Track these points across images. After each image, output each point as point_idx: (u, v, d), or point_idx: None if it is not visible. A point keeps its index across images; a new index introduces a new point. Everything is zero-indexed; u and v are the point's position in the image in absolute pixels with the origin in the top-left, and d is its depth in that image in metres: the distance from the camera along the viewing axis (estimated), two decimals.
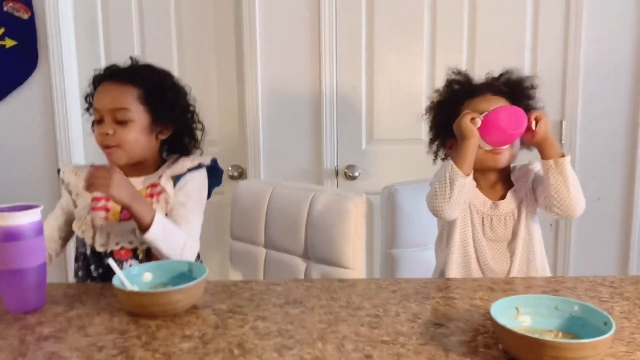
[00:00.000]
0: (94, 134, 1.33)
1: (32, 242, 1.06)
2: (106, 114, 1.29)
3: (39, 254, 1.07)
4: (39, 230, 1.07)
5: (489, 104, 1.30)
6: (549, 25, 2.06)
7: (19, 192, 2.23)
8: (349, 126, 2.16)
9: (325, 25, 2.07)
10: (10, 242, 1.04)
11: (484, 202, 1.35)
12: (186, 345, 0.90)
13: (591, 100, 2.08)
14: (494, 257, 1.34)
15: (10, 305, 1.06)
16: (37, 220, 1.07)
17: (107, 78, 1.33)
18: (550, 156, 1.24)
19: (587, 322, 0.88)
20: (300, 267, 1.54)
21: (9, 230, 1.03)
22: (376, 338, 0.91)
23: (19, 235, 1.04)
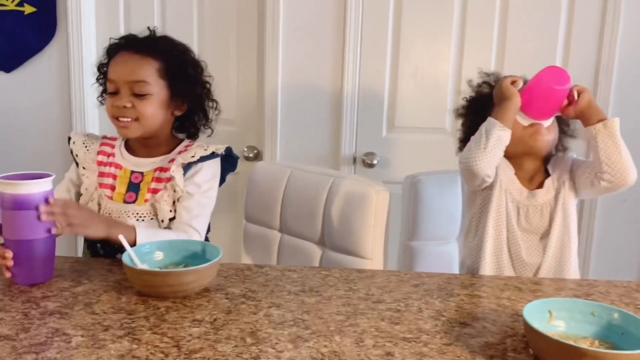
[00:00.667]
0: (106, 105, 1.27)
1: (31, 214, 1.00)
2: (123, 86, 1.22)
3: (49, 225, 1.03)
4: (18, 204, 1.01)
5: None
6: (583, 22, 1.97)
7: (32, 161, 2.20)
8: (369, 112, 2.09)
9: (352, 6, 2.00)
10: (20, 211, 1.00)
11: (520, 190, 1.29)
12: (196, 330, 0.85)
13: (623, 101, 1.99)
14: (528, 249, 1.28)
15: (17, 277, 1.02)
16: (48, 190, 1.03)
17: (124, 48, 1.25)
18: (597, 120, 1.19)
19: (626, 331, 0.82)
20: (315, 253, 1.48)
21: (19, 199, 0.99)
22: (397, 334, 0.86)
23: (29, 204, 1.00)
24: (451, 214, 1.50)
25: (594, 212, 2.07)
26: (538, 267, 1.26)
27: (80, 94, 2.13)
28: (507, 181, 1.28)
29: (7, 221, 1.02)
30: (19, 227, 1.00)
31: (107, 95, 1.27)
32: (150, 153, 1.30)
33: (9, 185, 1.00)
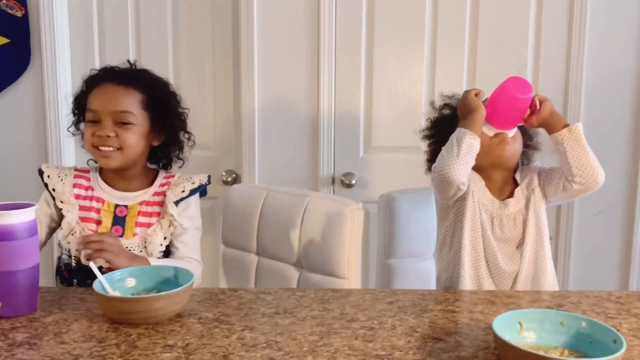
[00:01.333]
0: (86, 135, 1.28)
1: (26, 242, 1.00)
2: (106, 116, 1.24)
3: (33, 256, 1.02)
4: (33, 231, 1.02)
5: None
6: (551, 32, 2.02)
7: (8, 192, 2.17)
8: (346, 133, 2.11)
9: (325, 30, 2.03)
10: (3, 242, 0.98)
11: (492, 201, 1.31)
12: (167, 356, 0.84)
13: (593, 111, 2.04)
14: (505, 258, 1.29)
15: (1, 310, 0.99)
16: (31, 220, 1.02)
17: (107, 79, 1.28)
18: (560, 127, 1.22)
19: (595, 339, 0.83)
20: (293, 275, 1.48)
21: (2, 229, 0.98)
22: (370, 352, 0.86)
23: (12, 234, 0.98)
24: (426, 231, 1.51)
25: (570, 224, 2.10)
26: (516, 274, 1.27)
27: (55, 125, 2.12)
28: (478, 193, 1.30)
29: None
30: (2, 258, 0.98)
31: (86, 125, 1.28)
32: (128, 185, 1.32)
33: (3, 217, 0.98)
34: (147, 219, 1.29)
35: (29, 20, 2.08)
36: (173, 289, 0.96)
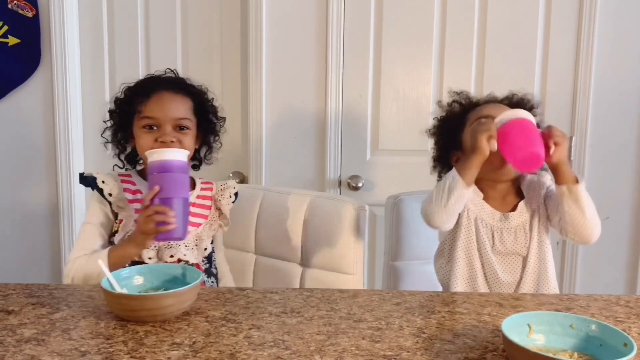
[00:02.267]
0: (143, 141, 1.31)
1: (180, 176, 1.17)
2: (167, 123, 1.30)
3: (185, 189, 1.18)
4: (185, 169, 1.19)
5: (492, 109, 1.28)
6: (560, 39, 2.02)
7: (17, 192, 2.19)
8: (353, 136, 2.11)
9: (332, 32, 2.04)
10: (162, 174, 1.15)
11: (492, 214, 1.29)
12: (174, 354, 0.84)
13: (601, 117, 2.03)
14: (504, 270, 1.28)
15: (174, 232, 1.15)
16: (185, 160, 1.19)
17: (163, 87, 1.34)
18: (564, 182, 1.19)
19: (604, 342, 0.82)
20: (294, 272, 1.49)
21: (162, 163, 1.15)
22: (378, 352, 0.85)
23: (171, 167, 1.15)
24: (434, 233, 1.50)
25: None
26: (517, 284, 1.26)
27: (64, 125, 2.14)
28: (475, 209, 1.29)
29: (165, 183, 1.15)
30: (162, 187, 1.14)
31: (141, 132, 1.32)
32: None
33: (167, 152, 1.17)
34: (195, 219, 1.37)
35: (40, 20, 2.10)
36: (180, 287, 0.96)
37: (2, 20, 2.10)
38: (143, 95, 1.32)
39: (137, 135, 1.33)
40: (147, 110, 1.30)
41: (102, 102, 2.20)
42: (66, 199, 2.17)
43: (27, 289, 1.12)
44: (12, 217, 2.20)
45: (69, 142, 2.15)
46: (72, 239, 2.19)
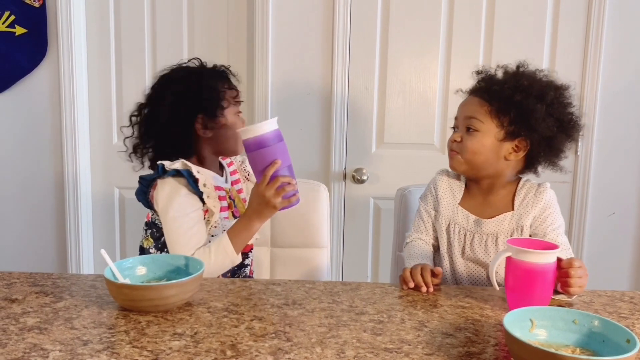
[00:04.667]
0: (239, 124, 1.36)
1: (271, 149, 1.16)
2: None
3: (285, 156, 1.18)
4: (276, 140, 1.17)
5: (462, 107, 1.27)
6: (568, 33, 2.00)
7: (23, 181, 2.20)
8: (359, 128, 2.11)
9: (339, 24, 2.03)
10: (274, 145, 1.16)
11: (466, 218, 1.26)
12: (176, 344, 0.84)
13: (608, 113, 2.01)
14: (470, 281, 1.25)
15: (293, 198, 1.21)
16: (271, 130, 1.17)
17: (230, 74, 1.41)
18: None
19: (607, 338, 0.81)
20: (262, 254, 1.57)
21: (253, 141, 1.15)
22: (379, 345, 0.85)
23: (280, 137, 1.18)
24: None
25: (583, 225, 2.08)
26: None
27: (71, 114, 2.14)
28: (449, 215, 1.28)
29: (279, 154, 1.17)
30: (285, 156, 1.18)
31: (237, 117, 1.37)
32: (217, 171, 1.39)
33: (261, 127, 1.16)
34: (242, 195, 1.42)
35: (47, 10, 2.10)
36: (183, 278, 0.97)
37: (9, 10, 2.10)
38: (230, 82, 1.38)
39: (233, 120, 1.35)
40: (238, 96, 1.38)
41: (108, 91, 2.21)
42: (72, 188, 2.18)
43: (31, 278, 1.13)
44: (18, 207, 2.22)
45: (75, 131, 2.15)
46: (77, 228, 2.20)
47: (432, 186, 1.34)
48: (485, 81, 1.26)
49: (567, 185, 2.06)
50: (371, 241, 2.16)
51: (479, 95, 1.24)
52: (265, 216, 1.23)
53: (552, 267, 0.98)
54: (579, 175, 2.05)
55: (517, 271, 0.98)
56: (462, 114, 1.26)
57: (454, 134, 1.26)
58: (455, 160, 1.26)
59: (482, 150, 1.22)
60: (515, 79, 1.22)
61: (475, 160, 1.23)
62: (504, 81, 1.23)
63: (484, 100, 1.23)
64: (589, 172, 2.04)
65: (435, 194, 1.32)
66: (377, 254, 2.15)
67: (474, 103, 1.24)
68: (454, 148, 1.26)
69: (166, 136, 1.31)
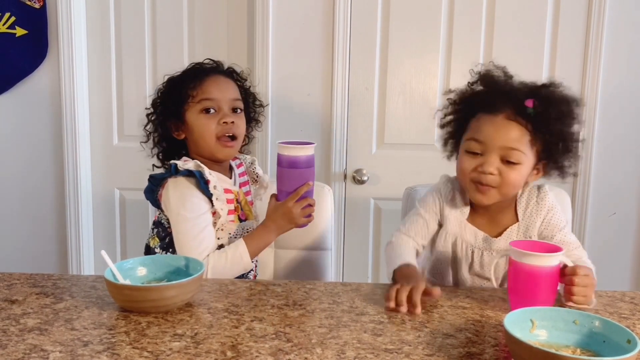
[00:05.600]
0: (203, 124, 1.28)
1: (306, 171, 1.23)
2: (225, 103, 1.30)
3: (313, 181, 1.24)
4: (311, 163, 1.23)
5: (494, 132, 1.10)
6: (568, 34, 2.00)
7: (24, 182, 2.20)
8: (359, 129, 2.11)
9: (339, 25, 2.03)
10: (308, 169, 1.22)
11: (475, 234, 1.20)
12: (176, 345, 0.84)
13: (608, 113, 2.01)
14: None
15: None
16: (311, 154, 1.23)
17: (215, 72, 1.34)
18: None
19: (608, 338, 0.81)
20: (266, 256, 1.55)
21: (309, 158, 1.22)
22: (379, 346, 0.85)
23: (313, 162, 1.23)
24: None
25: (584, 225, 2.07)
26: None
27: (71, 115, 2.14)
28: (456, 231, 1.22)
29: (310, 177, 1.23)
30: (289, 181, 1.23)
31: (198, 116, 1.28)
32: (226, 173, 1.37)
33: (303, 149, 1.21)
34: (249, 198, 1.41)
35: (47, 11, 2.10)
36: (183, 279, 0.97)
37: (10, 11, 2.10)
38: (196, 79, 1.29)
39: (195, 121, 1.28)
40: (204, 92, 1.28)
41: (108, 92, 2.21)
42: (72, 189, 2.18)
43: (31, 279, 1.13)
44: (19, 208, 2.22)
45: (75, 133, 2.15)
46: (78, 229, 2.20)
47: (437, 197, 1.26)
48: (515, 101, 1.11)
49: (567, 185, 2.05)
50: (371, 242, 2.16)
51: (515, 120, 1.10)
52: (284, 230, 1.28)
53: (554, 270, 0.97)
54: (579, 176, 2.05)
55: (518, 273, 0.98)
56: (496, 142, 1.10)
57: (486, 166, 1.10)
58: (488, 195, 1.12)
59: (522, 181, 1.14)
60: (553, 102, 1.11)
61: (512, 193, 1.14)
62: (544, 106, 1.10)
63: (524, 128, 1.10)
64: (589, 173, 2.04)
65: (441, 207, 1.25)
66: (378, 254, 2.15)
67: (514, 130, 1.10)
68: (490, 182, 1.11)
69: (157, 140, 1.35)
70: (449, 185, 1.26)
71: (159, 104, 1.33)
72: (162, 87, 1.35)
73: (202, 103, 1.27)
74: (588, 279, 0.99)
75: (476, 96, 1.19)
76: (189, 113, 1.28)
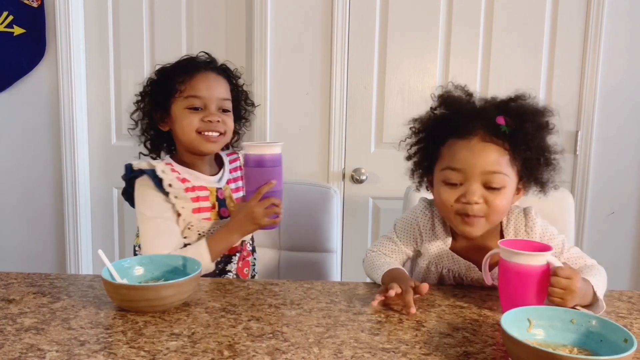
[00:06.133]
0: (187, 121, 1.26)
1: (281, 169, 1.21)
2: (213, 102, 1.28)
3: (280, 181, 1.21)
4: (277, 162, 1.20)
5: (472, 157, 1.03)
6: (567, 33, 2.00)
7: (22, 181, 2.20)
8: (358, 128, 2.10)
9: (338, 24, 2.03)
10: (274, 168, 1.19)
11: (459, 263, 1.14)
12: (173, 344, 0.84)
13: (607, 112, 2.01)
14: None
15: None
16: (277, 153, 1.20)
17: (206, 68, 1.31)
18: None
19: (605, 338, 0.81)
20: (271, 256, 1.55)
21: (273, 157, 1.19)
22: (377, 345, 0.85)
23: (279, 161, 1.20)
24: None
25: (583, 224, 2.07)
26: None
27: (69, 114, 2.14)
28: (437, 260, 1.16)
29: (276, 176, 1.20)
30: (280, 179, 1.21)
31: (183, 112, 1.27)
32: (210, 169, 1.36)
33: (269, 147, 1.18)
34: (237, 195, 1.37)
35: (45, 10, 2.10)
36: (180, 278, 0.96)
37: (8, 10, 2.10)
38: (186, 74, 1.27)
39: (180, 116, 1.26)
40: (193, 89, 1.26)
41: (106, 91, 2.20)
42: (71, 188, 2.17)
43: (29, 278, 1.12)
44: (17, 207, 2.22)
45: (74, 132, 2.15)
46: (76, 228, 2.20)
47: (415, 228, 1.18)
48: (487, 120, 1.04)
49: (565, 184, 2.06)
50: (370, 241, 2.16)
51: (491, 141, 1.03)
52: (247, 231, 1.24)
53: (542, 269, 0.95)
54: (577, 174, 2.05)
55: (507, 273, 0.97)
56: (476, 167, 1.03)
57: (469, 195, 1.02)
58: (477, 226, 1.05)
59: (509, 205, 1.07)
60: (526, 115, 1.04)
61: (500, 219, 1.08)
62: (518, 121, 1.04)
63: (502, 148, 1.03)
64: (588, 172, 2.04)
65: (420, 239, 1.18)
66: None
67: (492, 152, 1.03)
68: (477, 212, 1.04)
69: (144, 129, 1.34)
70: (427, 214, 1.17)
71: (148, 93, 1.33)
72: (153, 76, 1.34)
73: (189, 100, 1.26)
74: (567, 282, 0.92)
75: (443, 121, 1.09)
76: (175, 106, 1.28)
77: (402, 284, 1.00)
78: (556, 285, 0.93)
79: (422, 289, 1.00)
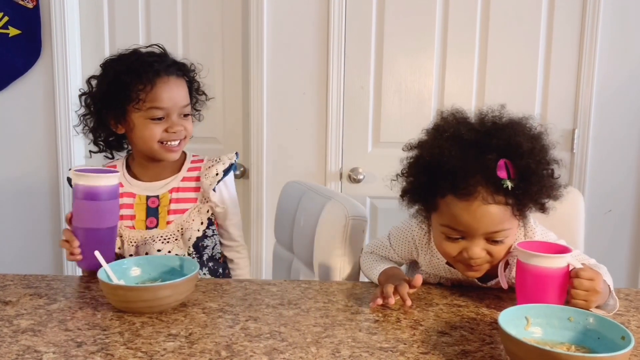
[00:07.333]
0: (150, 132, 1.21)
1: (109, 204, 1.09)
2: (175, 112, 1.24)
3: (113, 217, 1.11)
4: (115, 194, 1.10)
5: (473, 222, 0.97)
6: (563, 31, 2.00)
7: (18, 183, 2.19)
8: (355, 128, 2.10)
9: (334, 23, 2.03)
10: (90, 201, 1.07)
11: (454, 274, 1.11)
12: (170, 345, 0.84)
13: (604, 110, 2.02)
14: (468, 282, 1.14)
15: (82, 262, 1.11)
16: (114, 184, 1.10)
17: (165, 72, 1.24)
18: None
19: (602, 335, 0.81)
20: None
21: (91, 190, 1.07)
22: (374, 345, 0.85)
23: (100, 195, 1.07)
24: None
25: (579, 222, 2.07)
26: None
27: (65, 116, 2.14)
28: (434, 268, 1.13)
29: (78, 210, 1.09)
30: (86, 216, 1.08)
31: (145, 122, 1.21)
32: (160, 173, 1.31)
33: (82, 177, 1.07)
34: (180, 205, 1.28)
35: (40, 11, 2.09)
36: (178, 279, 0.96)
37: (3, 11, 2.09)
38: (147, 83, 1.19)
39: (140, 126, 1.21)
40: (155, 100, 1.20)
41: None
42: (67, 189, 2.17)
43: (25, 280, 1.12)
44: (14, 209, 2.21)
45: (69, 132, 2.15)
46: None
47: (410, 241, 1.15)
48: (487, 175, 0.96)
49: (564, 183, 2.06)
50: (368, 241, 2.15)
51: (494, 202, 0.96)
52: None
53: (563, 271, 0.93)
54: (575, 172, 2.05)
55: (525, 275, 0.95)
56: (478, 230, 0.98)
57: (472, 252, 0.99)
58: (480, 271, 1.04)
59: (511, 245, 1.03)
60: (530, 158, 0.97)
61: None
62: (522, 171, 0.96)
63: (504, 204, 0.97)
64: (585, 170, 2.04)
65: (415, 253, 1.16)
66: None
67: (495, 214, 0.97)
68: (480, 263, 1.02)
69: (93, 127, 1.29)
70: (424, 228, 1.11)
71: (100, 92, 1.25)
72: (103, 72, 1.25)
73: (151, 111, 1.20)
74: (590, 284, 0.92)
75: (438, 175, 0.99)
76: (134, 115, 1.21)
77: (397, 282, 1.00)
78: (579, 287, 0.92)
79: (416, 281, 0.99)
